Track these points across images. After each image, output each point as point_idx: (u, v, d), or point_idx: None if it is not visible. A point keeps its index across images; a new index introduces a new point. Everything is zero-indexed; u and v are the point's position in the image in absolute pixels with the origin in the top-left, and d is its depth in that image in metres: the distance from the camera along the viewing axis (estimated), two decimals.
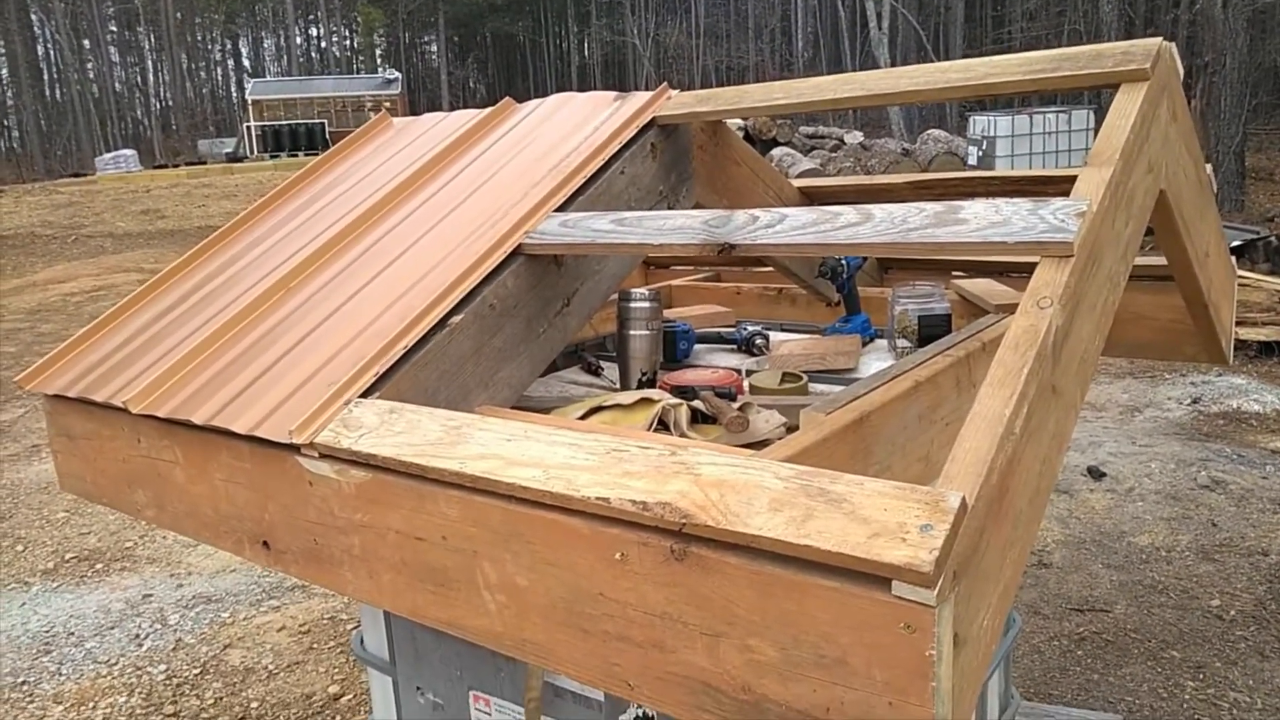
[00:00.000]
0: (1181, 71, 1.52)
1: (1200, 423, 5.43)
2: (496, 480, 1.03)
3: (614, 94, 1.92)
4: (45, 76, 45.53)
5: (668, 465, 0.97)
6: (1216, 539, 3.95)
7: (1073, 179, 1.23)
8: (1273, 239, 8.19)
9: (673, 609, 0.92)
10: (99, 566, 4.19)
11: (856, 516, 0.82)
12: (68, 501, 4.87)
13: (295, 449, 1.25)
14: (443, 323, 1.39)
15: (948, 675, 0.79)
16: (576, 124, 1.84)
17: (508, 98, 2.13)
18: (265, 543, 1.37)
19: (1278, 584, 3.56)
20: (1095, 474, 4.64)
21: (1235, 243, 7.84)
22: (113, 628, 3.60)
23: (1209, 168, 1.79)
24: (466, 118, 2.05)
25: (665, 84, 1.92)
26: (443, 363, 1.37)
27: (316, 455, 1.23)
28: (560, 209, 1.61)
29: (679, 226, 1.43)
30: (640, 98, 1.85)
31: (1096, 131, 1.43)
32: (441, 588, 1.13)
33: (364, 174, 1.98)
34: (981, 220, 1.19)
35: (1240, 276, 5.82)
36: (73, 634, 3.57)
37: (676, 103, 1.82)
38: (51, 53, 44.86)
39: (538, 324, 1.55)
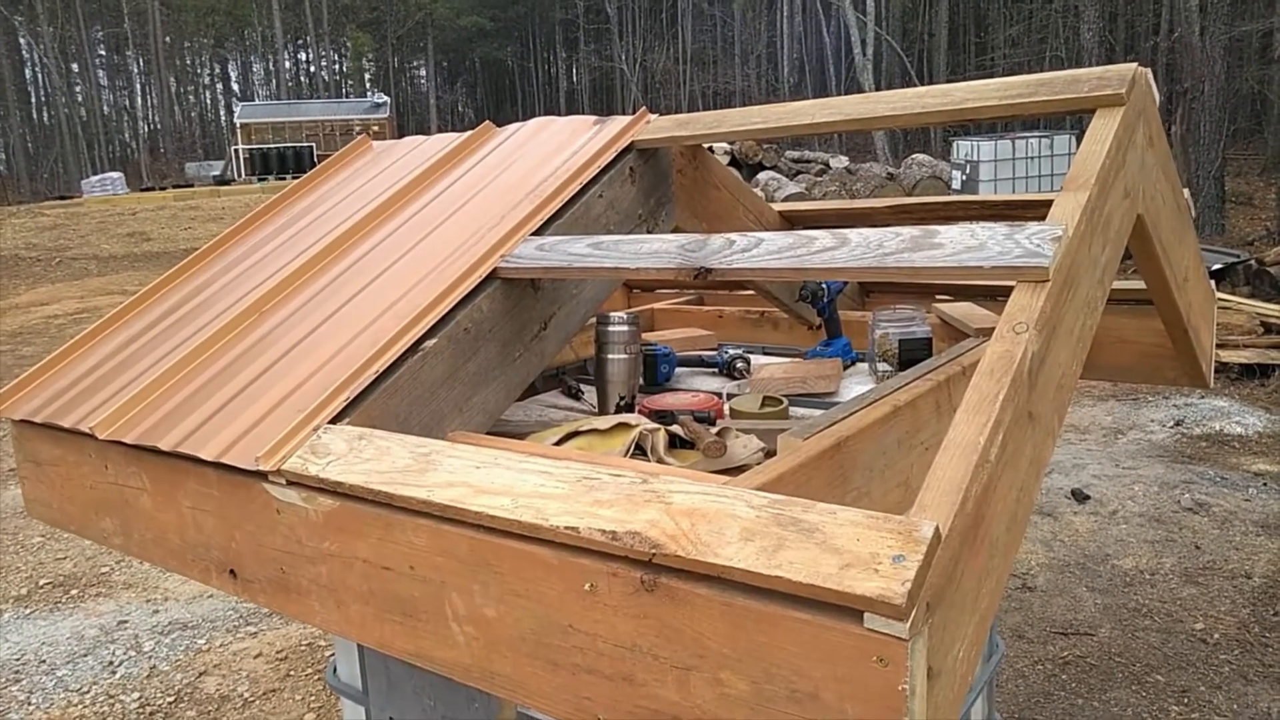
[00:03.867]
0: (1158, 97, 1.53)
1: (1183, 445, 5.44)
2: (464, 509, 1.01)
3: (593, 118, 1.91)
4: (33, 99, 45.45)
5: (638, 494, 0.95)
6: (1200, 562, 3.94)
7: (1050, 204, 1.23)
8: (1252, 262, 8.27)
9: (643, 641, 0.90)
10: (74, 592, 4.12)
11: (828, 547, 0.80)
12: (44, 526, 4.80)
13: (263, 476, 1.23)
14: (415, 347, 1.37)
15: (921, 710, 0.77)
16: (555, 148, 1.83)
17: (487, 121, 2.12)
18: (232, 571, 1.34)
19: (1261, 607, 3.55)
20: (1079, 496, 4.64)
21: (1215, 266, 7.91)
22: (86, 655, 3.53)
23: (1187, 193, 1.79)
24: (445, 141, 2.04)
25: (644, 108, 1.92)
26: (415, 388, 1.35)
27: (284, 482, 1.21)
28: (537, 232, 1.59)
29: (655, 250, 1.42)
30: (619, 122, 1.85)
31: None
32: (409, 618, 1.10)
33: (341, 197, 1.96)
34: (957, 245, 1.18)
35: (1221, 300, 5.87)
36: (44, 661, 3.50)
37: (656, 127, 1.82)
38: (39, 76, 44.81)
39: (513, 348, 1.53)
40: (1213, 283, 2.05)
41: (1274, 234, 11.22)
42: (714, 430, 1.44)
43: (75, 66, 43.32)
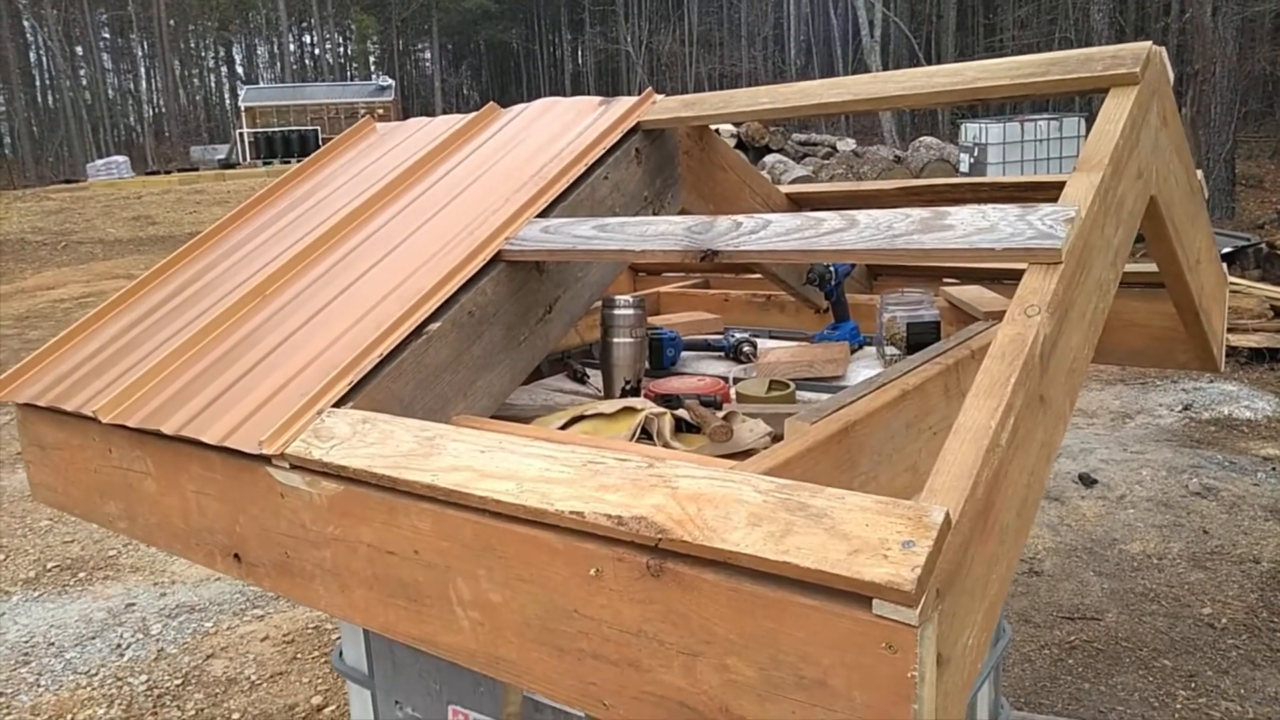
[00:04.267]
0: (1172, 76, 1.50)
1: (1192, 429, 5.42)
2: (468, 493, 1.00)
3: (599, 99, 1.89)
4: (38, 83, 45.40)
5: (644, 478, 0.94)
6: (1208, 547, 3.93)
7: (1062, 185, 1.21)
8: (1263, 246, 8.20)
9: (649, 627, 0.90)
10: (81, 575, 4.14)
11: (837, 532, 0.79)
12: (52, 509, 4.82)
13: (266, 460, 1.22)
14: (419, 330, 1.36)
15: (930, 697, 0.76)
16: (560, 129, 1.82)
17: (492, 102, 2.10)
18: (237, 555, 1.34)
19: (1269, 592, 3.54)
20: (1086, 481, 4.63)
21: (1226, 249, 7.85)
22: (94, 638, 3.55)
23: (1200, 174, 1.77)
24: (450, 123, 2.02)
25: (650, 89, 1.90)
26: (419, 371, 1.34)
27: (287, 466, 1.20)
28: (542, 215, 1.58)
29: (661, 233, 1.40)
30: (625, 102, 1.83)
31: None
32: (414, 603, 1.10)
33: (345, 180, 1.95)
34: (968, 226, 1.16)
35: (1231, 283, 5.83)
36: (53, 644, 3.52)
37: (662, 107, 1.80)
38: (44, 59, 44.75)
39: (518, 332, 1.52)
40: (1224, 265, 2.02)
41: None
42: (720, 414, 1.43)
43: (80, 50, 43.23)
